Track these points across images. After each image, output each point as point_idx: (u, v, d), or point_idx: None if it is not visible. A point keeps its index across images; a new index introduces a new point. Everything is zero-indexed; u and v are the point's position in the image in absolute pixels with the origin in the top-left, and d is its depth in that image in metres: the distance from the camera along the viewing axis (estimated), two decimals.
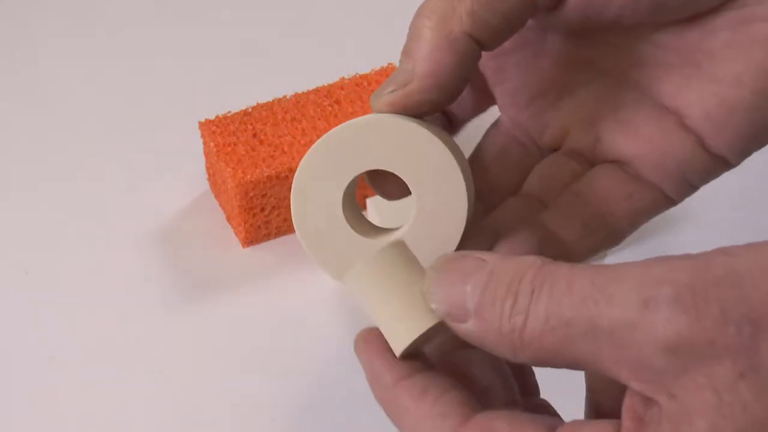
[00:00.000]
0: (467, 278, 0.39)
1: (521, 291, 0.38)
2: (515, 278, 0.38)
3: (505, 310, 0.38)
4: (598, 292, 0.36)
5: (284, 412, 0.69)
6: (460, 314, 0.39)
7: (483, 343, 0.39)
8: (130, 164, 0.81)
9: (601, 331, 0.36)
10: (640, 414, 0.37)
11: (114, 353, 0.71)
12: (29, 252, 0.77)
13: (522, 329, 0.38)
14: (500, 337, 0.38)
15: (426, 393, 0.41)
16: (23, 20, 0.91)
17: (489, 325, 0.38)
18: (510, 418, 0.39)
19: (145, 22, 0.91)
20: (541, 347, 0.38)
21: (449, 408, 0.40)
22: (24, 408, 0.69)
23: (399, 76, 0.45)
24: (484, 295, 0.38)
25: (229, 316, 0.73)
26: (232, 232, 0.77)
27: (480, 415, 0.40)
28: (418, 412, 0.41)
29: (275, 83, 0.81)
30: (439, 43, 0.44)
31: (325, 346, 0.71)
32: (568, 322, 0.37)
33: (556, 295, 0.37)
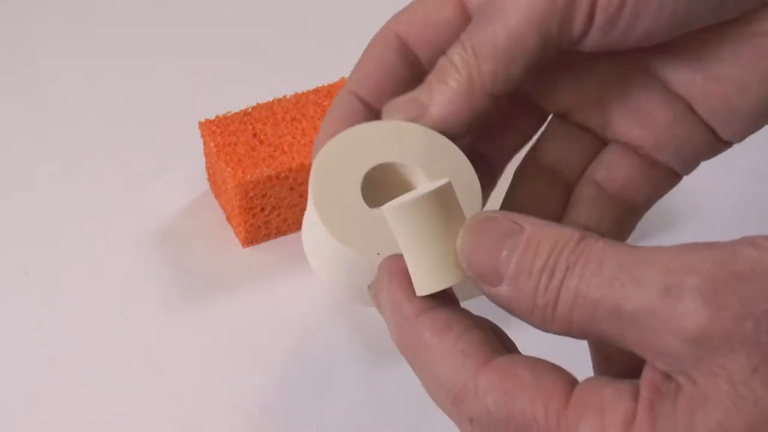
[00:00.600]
0: (502, 242, 0.39)
1: (558, 266, 0.38)
2: (554, 251, 0.38)
3: (542, 283, 0.38)
4: (626, 275, 0.37)
5: (284, 412, 0.69)
6: (493, 278, 0.39)
7: (512, 309, 0.39)
8: (130, 164, 0.81)
9: (624, 315, 0.37)
10: (658, 386, 0.37)
11: (114, 353, 0.71)
12: (29, 252, 0.77)
13: (555, 304, 0.38)
14: (533, 308, 0.39)
15: (449, 328, 0.41)
16: (23, 20, 0.91)
17: (523, 295, 0.39)
18: (532, 365, 0.39)
19: (145, 22, 0.91)
20: (570, 322, 0.38)
21: (471, 346, 0.40)
22: (24, 408, 0.69)
23: (411, 106, 0.47)
24: (521, 264, 0.39)
25: (229, 316, 0.73)
26: (232, 232, 0.77)
27: (502, 358, 0.40)
28: (440, 347, 0.40)
29: (275, 83, 0.81)
30: (460, 98, 0.46)
31: (325, 346, 0.71)
32: (596, 302, 0.37)
33: (587, 274, 0.38)
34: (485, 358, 0.40)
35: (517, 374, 0.39)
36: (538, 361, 0.40)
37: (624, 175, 0.50)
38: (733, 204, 0.77)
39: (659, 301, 0.37)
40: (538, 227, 0.39)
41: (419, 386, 0.70)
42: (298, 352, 0.71)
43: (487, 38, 0.45)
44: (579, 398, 0.38)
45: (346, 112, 0.49)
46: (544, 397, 0.38)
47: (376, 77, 0.49)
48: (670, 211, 0.77)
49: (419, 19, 0.49)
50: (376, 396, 0.69)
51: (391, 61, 0.49)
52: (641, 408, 0.37)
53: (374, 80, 0.49)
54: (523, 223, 0.39)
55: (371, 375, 0.70)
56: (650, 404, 0.37)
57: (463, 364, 0.40)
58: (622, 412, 0.37)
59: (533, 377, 0.39)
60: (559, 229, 0.39)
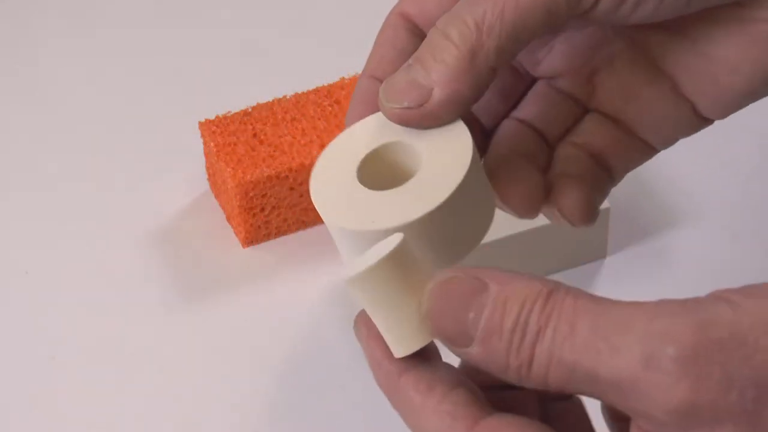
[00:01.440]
0: (468, 304, 0.38)
1: (529, 327, 0.37)
2: (523, 310, 0.37)
3: (513, 345, 0.38)
4: (601, 341, 0.36)
5: (284, 412, 0.69)
6: (462, 341, 0.39)
7: (485, 367, 0.39)
8: (130, 164, 0.81)
9: (603, 381, 0.36)
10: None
11: (114, 353, 0.71)
12: (29, 252, 0.77)
13: (529, 365, 0.38)
14: (507, 367, 0.38)
15: (433, 389, 0.40)
16: (23, 20, 0.91)
17: (495, 355, 0.38)
18: (520, 426, 0.39)
19: (145, 22, 0.91)
20: (546, 382, 0.38)
21: (457, 408, 0.40)
22: (24, 408, 0.69)
23: (414, 91, 0.45)
24: (490, 325, 0.38)
25: (229, 316, 0.73)
26: (232, 232, 0.77)
27: (491, 418, 0.39)
28: (426, 407, 0.40)
29: (275, 83, 0.81)
30: (463, 75, 0.45)
31: (325, 346, 0.71)
32: (571, 366, 0.37)
33: (559, 338, 0.37)
34: (473, 420, 0.39)
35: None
36: (524, 420, 0.39)
37: (601, 143, 0.50)
38: (733, 204, 0.77)
39: (639, 371, 0.36)
40: (504, 284, 0.38)
41: None
42: (298, 352, 0.71)
43: (494, 13, 0.45)
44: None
45: (370, 93, 0.48)
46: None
47: (390, 57, 0.49)
48: (670, 211, 0.77)
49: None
50: (376, 396, 0.69)
51: (401, 40, 0.49)
52: None
53: (389, 60, 0.49)
54: (487, 279, 0.38)
55: (371, 375, 0.69)
56: None
57: (451, 427, 0.39)
58: None
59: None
60: (526, 284, 0.38)
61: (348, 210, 0.45)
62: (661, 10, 0.46)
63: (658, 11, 0.46)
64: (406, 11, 0.50)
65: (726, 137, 0.76)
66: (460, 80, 0.45)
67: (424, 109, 0.45)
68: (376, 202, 0.45)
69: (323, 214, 0.45)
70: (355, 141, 0.47)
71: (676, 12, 0.46)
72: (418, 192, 0.44)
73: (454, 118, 0.46)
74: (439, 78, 0.45)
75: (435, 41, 0.46)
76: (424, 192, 0.44)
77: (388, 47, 0.49)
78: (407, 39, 0.49)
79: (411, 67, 0.46)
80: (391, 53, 0.49)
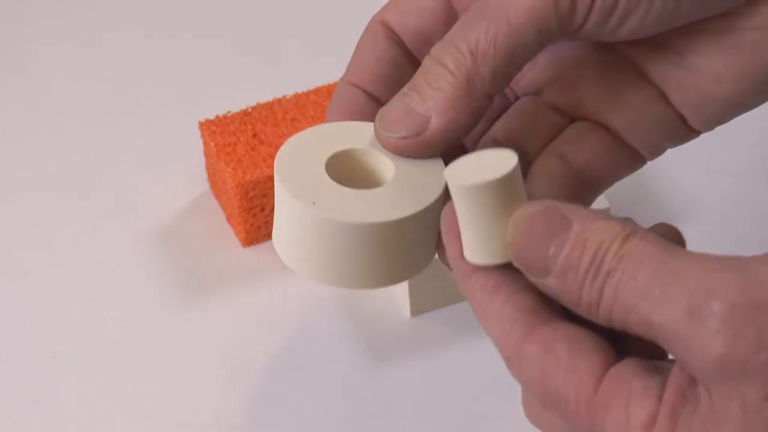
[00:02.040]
0: (550, 239, 0.40)
1: (602, 267, 0.39)
2: (599, 251, 0.39)
3: (586, 283, 0.39)
4: (657, 287, 0.38)
5: (284, 412, 0.69)
6: (541, 272, 0.40)
7: (560, 300, 0.41)
8: (130, 164, 0.81)
9: (652, 325, 0.39)
10: (683, 390, 0.39)
11: (114, 353, 0.71)
12: (29, 252, 0.77)
13: (598, 303, 0.39)
14: (579, 303, 0.40)
15: (498, 291, 0.42)
16: (23, 20, 0.91)
17: (570, 290, 0.40)
18: (572, 341, 0.40)
19: (145, 22, 0.91)
20: (611, 321, 0.40)
21: (517, 313, 0.41)
22: (24, 408, 0.69)
23: (411, 120, 0.46)
24: (568, 261, 0.40)
25: (229, 316, 0.73)
26: (232, 232, 0.77)
27: (545, 329, 0.41)
28: (490, 309, 0.42)
29: (275, 83, 0.81)
30: (459, 102, 0.46)
31: (325, 346, 0.71)
32: (629, 309, 0.39)
33: (624, 279, 0.39)
34: (529, 328, 0.41)
35: (555, 351, 0.40)
36: (579, 335, 0.41)
37: (590, 151, 0.50)
38: (734, 204, 0.77)
39: (683, 321, 0.38)
40: (586, 223, 0.40)
41: (418, 386, 0.71)
42: (297, 351, 0.71)
43: (487, 39, 0.45)
44: (608, 387, 0.39)
45: (347, 99, 0.49)
46: (576, 380, 0.40)
47: (368, 64, 0.50)
48: (670, 211, 0.77)
49: (402, 8, 0.50)
50: (376, 396, 0.69)
51: (381, 47, 0.50)
52: (662, 413, 0.39)
53: (368, 68, 0.50)
54: (571, 216, 0.40)
55: (371, 375, 0.70)
56: (672, 410, 0.38)
57: (509, 333, 0.41)
58: (647, 411, 0.39)
59: (570, 356, 0.40)
60: (606, 225, 0.40)
61: (317, 198, 0.45)
62: (647, 26, 0.46)
63: (643, 27, 0.46)
64: (387, 20, 0.50)
65: (726, 137, 0.76)
66: (457, 108, 0.46)
67: (421, 138, 0.46)
68: (345, 197, 0.45)
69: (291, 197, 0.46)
70: (327, 137, 0.48)
71: (662, 27, 0.47)
72: (388, 198, 0.45)
73: (449, 146, 0.47)
74: (436, 106, 0.46)
75: (430, 69, 0.46)
76: (395, 200, 0.45)
77: (368, 54, 0.50)
78: (386, 47, 0.50)
79: (406, 95, 0.46)
80: (369, 60, 0.50)
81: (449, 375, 0.70)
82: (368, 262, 0.46)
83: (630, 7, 0.45)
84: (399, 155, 0.47)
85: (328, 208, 0.45)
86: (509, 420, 0.67)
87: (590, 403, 0.39)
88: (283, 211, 0.47)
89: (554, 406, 0.41)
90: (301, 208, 0.45)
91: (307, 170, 0.47)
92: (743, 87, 0.48)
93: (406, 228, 0.45)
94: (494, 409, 0.68)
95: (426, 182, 0.46)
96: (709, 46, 0.48)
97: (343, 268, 0.46)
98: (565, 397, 0.40)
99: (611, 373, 0.40)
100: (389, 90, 0.49)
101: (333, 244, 0.45)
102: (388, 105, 0.47)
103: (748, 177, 0.79)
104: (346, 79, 0.50)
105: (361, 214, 0.45)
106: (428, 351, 0.71)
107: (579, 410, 0.40)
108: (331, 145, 0.48)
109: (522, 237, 0.41)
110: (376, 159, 0.47)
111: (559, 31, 0.46)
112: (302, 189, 0.46)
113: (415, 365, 0.70)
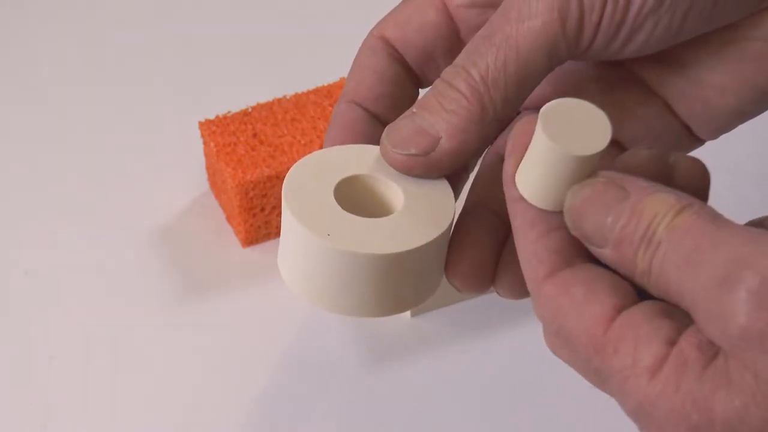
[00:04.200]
0: (608, 209, 0.41)
1: (654, 238, 0.40)
2: (653, 222, 0.40)
3: (640, 251, 0.40)
4: (697, 255, 0.39)
5: (284, 412, 0.69)
6: (598, 241, 0.41)
7: (615, 268, 0.41)
8: (130, 164, 0.81)
9: (684, 295, 0.39)
10: (701, 342, 0.39)
11: (114, 353, 0.71)
12: (29, 252, 0.77)
13: (649, 273, 0.40)
14: (634, 272, 0.41)
15: (534, 226, 0.43)
16: (23, 20, 0.91)
17: (625, 260, 0.41)
18: (589, 283, 0.41)
19: (145, 21, 0.91)
20: (659, 291, 0.40)
21: (545, 252, 0.42)
22: (24, 408, 0.69)
23: (421, 139, 0.46)
24: (624, 232, 0.40)
25: (229, 316, 0.73)
26: (232, 232, 0.77)
27: (565, 272, 0.42)
28: (524, 240, 0.43)
29: (275, 83, 0.81)
30: (472, 126, 0.46)
31: (325, 346, 0.71)
32: (670, 280, 0.39)
33: (670, 252, 0.39)
34: (552, 269, 0.42)
35: (571, 292, 0.41)
36: (597, 277, 0.41)
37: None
38: (733, 204, 0.77)
39: (713, 289, 0.38)
40: (643, 195, 0.40)
41: (418, 386, 0.71)
42: (297, 352, 0.71)
43: (496, 66, 0.46)
44: (618, 329, 0.40)
45: (348, 118, 0.49)
46: (588, 321, 0.40)
47: (369, 82, 0.50)
48: None
49: (402, 23, 0.50)
50: (376, 396, 0.69)
51: (381, 64, 0.50)
52: (672, 361, 0.39)
53: (368, 86, 0.49)
54: (630, 187, 0.41)
55: (371, 375, 0.70)
56: (683, 361, 0.39)
57: (534, 270, 0.42)
58: (653, 355, 0.39)
59: (585, 298, 0.41)
60: (662, 198, 0.40)
61: (331, 230, 0.45)
62: (652, 44, 0.46)
63: (648, 44, 0.46)
64: (387, 36, 0.50)
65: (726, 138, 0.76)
66: (469, 131, 0.46)
67: (430, 157, 0.46)
68: (358, 227, 0.45)
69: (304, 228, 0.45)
70: (332, 162, 0.47)
71: (668, 43, 0.47)
72: (401, 227, 0.45)
73: (457, 168, 0.47)
74: (448, 128, 0.46)
75: (443, 91, 0.46)
76: (408, 229, 0.45)
77: (368, 71, 0.50)
78: (387, 64, 0.50)
79: (417, 114, 0.47)
80: (371, 79, 0.50)
81: (449, 375, 0.70)
82: (380, 291, 0.46)
83: (636, 26, 0.45)
84: (405, 173, 0.47)
85: (343, 240, 0.45)
86: (510, 419, 0.67)
87: (598, 345, 0.40)
88: (293, 240, 0.46)
89: (567, 344, 0.41)
90: (315, 241, 0.45)
91: (316, 198, 0.46)
92: (748, 97, 0.48)
93: (420, 256, 0.45)
94: (494, 409, 0.68)
95: (436, 208, 0.46)
96: (713, 58, 0.48)
97: (354, 297, 0.46)
98: (577, 337, 0.41)
99: (622, 316, 0.40)
100: (391, 109, 0.49)
101: (346, 274, 0.45)
102: (397, 122, 0.47)
103: (747, 175, 0.79)
104: (347, 98, 0.50)
105: (377, 245, 0.45)
106: (428, 351, 0.71)
107: (588, 351, 0.40)
108: (338, 171, 0.47)
109: (580, 207, 0.41)
110: (383, 185, 0.47)
111: (567, 53, 0.46)
112: (314, 219, 0.45)
113: (416, 365, 0.70)
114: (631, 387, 0.39)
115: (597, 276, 0.41)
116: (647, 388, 0.39)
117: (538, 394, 0.68)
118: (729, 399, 0.38)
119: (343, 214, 0.46)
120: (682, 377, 0.39)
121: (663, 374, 0.39)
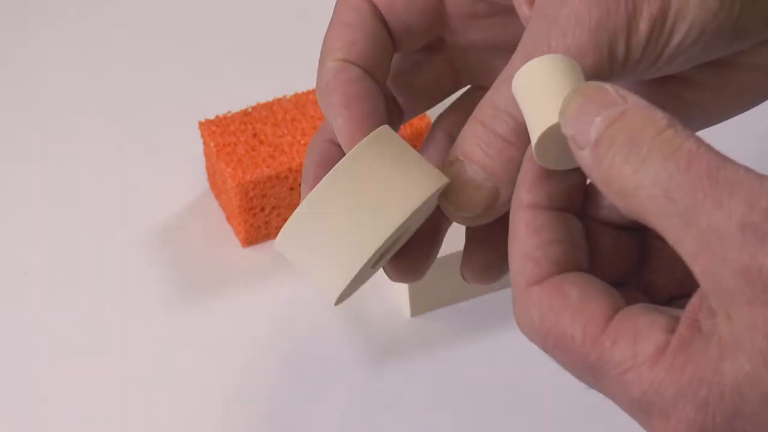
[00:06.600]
0: (601, 109, 0.39)
1: (637, 147, 0.38)
2: (640, 129, 0.38)
3: (617, 156, 0.39)
4: (710, 188, 0.37)
5: (284, 412, 0.69)
6: (582, 140, 0.40)
7: (589, 175, 0.40)
8: (130, 164, 0.81)
9: (696, 226, 0.37)
10: (698, 321, 0.38)
11: (114, 353, 0.71)
12: (29, 252, 0.77)
13: (628, 179, 0.38)
14: (607, 178, 0.39)
15: (538, 233, 0.42)
16: (23, 20, 0.91)
17: (599, 163, 0.39)
18: (582, 286, 0.41)
19: (145, 21, 0.91)
20: (639, 208, 0.39)
21: (544, 260, 0.42)
22: (24, 408, 0.69)
23: (482, 198, 0.46)
24: (607, 132, 0.39)
25: (229, 316, 0.73)
26: (232, 232, 0.77)
27: (558, 277, 0.41)
28: (523, 245, 0.42)
29: (275, 83, 0.81)
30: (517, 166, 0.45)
31: (325, 346, 0.71)
32: (674, 200, 0.38)
33: (671, 168, 0.38)
34: (546, 275, 0.41)
35: (565, 292, 0.41)
36: (590, 282, 0.41)
37: None
38: None
39: (734, 232, 0.37)
40: (638, 105, 0.39)
41: (418, 387, 0.71)
42: (297, 352, 0.71)
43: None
44: (616, 325, 0.39)
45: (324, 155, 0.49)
46: (584, 318, 0.40)
47: (362, 46, 0.49)
48: None
49: None
50: (376, 396, 0.69)
51: (371, 26, 0.50)
52: (672, 344, 0.38)
53: (360, 50, 0.49)
54: (628, 98, 0.40)
55: (371, 375, 0.70)
56: (682, 341, 0.38)
57: (528, 272, 0.42)
58: (654, 343, 0.38)
59: (579, 298, 0.40)
60: (654, 112, 0.39)
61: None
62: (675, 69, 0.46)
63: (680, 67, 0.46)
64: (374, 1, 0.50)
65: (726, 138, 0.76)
66: (516, 170, 0.45)
67: (493, 209, 0.46)
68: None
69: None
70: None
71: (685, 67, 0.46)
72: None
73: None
74: (505, 177, 0.45)
75: (486, 139, 0.46)
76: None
77: (358, 33, 0.50)
78: (376, 27, 0.50)
79: (466, 166, 0.46)
80: (362, 41, 0.50)
81: (449, 375, 0.70)
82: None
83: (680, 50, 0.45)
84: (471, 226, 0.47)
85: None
86: (510, 419, 0.67)
87: (597, 340, 0.40)
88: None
89: (557, 344, 0.41)
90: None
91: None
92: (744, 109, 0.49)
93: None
94: (494, 409, 0.68)
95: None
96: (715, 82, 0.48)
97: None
98: (571, 336, 0.40)
99: (620, 314, 0.40)
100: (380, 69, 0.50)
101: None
102: (453, 184, 0.46)
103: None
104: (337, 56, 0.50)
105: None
106: (428, 351, 0.71)
107: (585, 347, 0.40)
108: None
109: (578, 103, 0.40)
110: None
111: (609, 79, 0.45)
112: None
113: (415, 365, 0.70)
114: (632, 378, 0.39)
115: (589, 281, 0.41)
116: (650, 375, 0.38)
117: (537, 394, 0.68)
118: (737, 368, 0.37)
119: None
120: (686, 357, 0.38)
121: (666, 359, 0.38)
